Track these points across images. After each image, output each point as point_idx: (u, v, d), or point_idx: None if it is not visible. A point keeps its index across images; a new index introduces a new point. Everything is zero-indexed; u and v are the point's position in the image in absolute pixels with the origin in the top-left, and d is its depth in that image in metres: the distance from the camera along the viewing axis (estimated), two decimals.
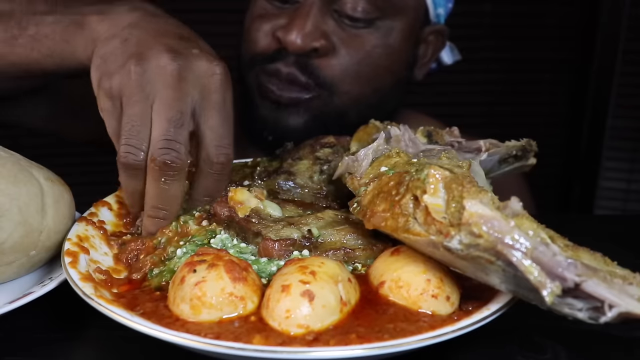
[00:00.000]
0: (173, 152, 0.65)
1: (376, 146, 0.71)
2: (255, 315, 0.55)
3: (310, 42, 1.06)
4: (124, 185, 0.70)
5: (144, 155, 0.66)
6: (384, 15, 1.10)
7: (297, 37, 1.05)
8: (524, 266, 0.49)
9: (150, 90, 0.67)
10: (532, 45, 2.55)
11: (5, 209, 0.66)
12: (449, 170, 0.58)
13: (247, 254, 0.66)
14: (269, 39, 1.11)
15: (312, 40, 1.06)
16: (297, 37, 1.05)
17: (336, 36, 1.09)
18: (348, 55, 1.10)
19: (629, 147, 2.61)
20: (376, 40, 1.11)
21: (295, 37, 1.05)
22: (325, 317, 0.53)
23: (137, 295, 0.61)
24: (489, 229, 0.51)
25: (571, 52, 2.56)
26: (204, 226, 0.71)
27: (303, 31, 1.05)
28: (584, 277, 0.49)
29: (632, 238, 0.87)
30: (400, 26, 1.13)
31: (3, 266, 0.68)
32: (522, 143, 0.84)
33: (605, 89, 2.52)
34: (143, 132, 0.66)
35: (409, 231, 0.57)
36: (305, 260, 0.58)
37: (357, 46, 1.10)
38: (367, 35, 1.10)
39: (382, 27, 1.11)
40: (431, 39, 1.23)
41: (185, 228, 0.71)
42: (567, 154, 2.67)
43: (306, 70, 1.09)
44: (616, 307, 0.49)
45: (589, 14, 2.48)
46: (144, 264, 0.67)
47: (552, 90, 2.64)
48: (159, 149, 0.65)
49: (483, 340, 0.62)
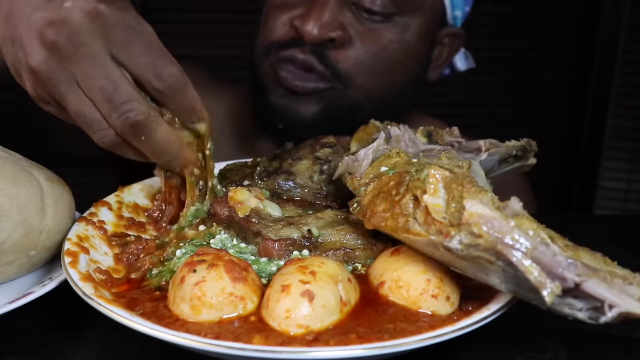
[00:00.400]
0: (129, 113, 0.63)
1: (376, 146, 0.71)
2: (255, 315, 0.55)
3: (327, 32, 1.07)
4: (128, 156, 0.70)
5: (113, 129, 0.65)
6: (402, 11, 1.11)
7: (314, 27, 1.06)
8: (524, 266, 0.49)
9: (64, 76, 0.63)
10: (532, 45, 2.54)
11: (5, 209, 0.66)
12: (449, 170, 0.58)
13: (247, 254, 0.66)
14: (286, 28, 1.12)
15: (328, 31, 1.07)
16: (314, 27, 1.06)
17: (353, 28, 1.10)
18: (364, 48, 1.11)
19: (629, 147, 2.61)
20: (392, 35, 1.12)
21: (312, 27, 1.06)
22: (325, 317, 0.53)
23: (137, 295, 0.61)
24: (489, 229, 0.51)
25: (571, 52, 2.56)
26: (202, 230, 0.71)
27: (320, 21, 1.06)
28: (584, 277, 0.49)
29: (632, 238, 0.87)
30: (417, 23, 1.14)
31: (3, 266, 0.68)
32: (522, 143, 0.84)
33: (606, 89, 2.51)
34: (94, 115, 0.64)
35: (409, 231, 0.57)
36: (305, 260, 0.58)
37: (374, 40, 1.11)
38: (383, 30, 1.11)
39: (399, 22, 1.12)
40: (446, 41, 1.24)
41: (183, 234, 0.72)
42: (567, 154, 2.67)
43: (323, 60, 1.09)
44: (616, 307, 0.49)
45: (589, 14, 2.48)
46: (143, 263, 0.67)
47: (553, 90, 2.64)
48: (116, 119, 0.64)
49: (483, 340, 0.62)
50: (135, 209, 0.81)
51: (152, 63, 0.66)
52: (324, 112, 1.13)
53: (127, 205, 0.81)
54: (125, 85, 0.64)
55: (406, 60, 1.16)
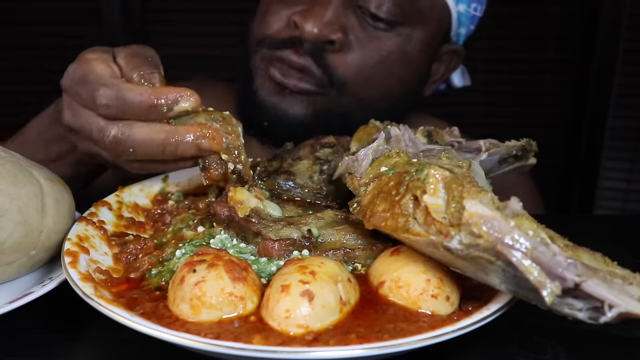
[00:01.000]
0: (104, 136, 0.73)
1: (376, 146, 0.71)
2: (255, 315, 0.55)
3: (327, 33, 1.02)
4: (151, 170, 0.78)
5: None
6: (407, 21, 1.07)
7: (314, 25, 1.01)
8: (523, 266, 0.49)
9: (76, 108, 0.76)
10: (532, 46, 2.55)
11: (5, 209, 0.66)
12: (449, 170, 0.58)
13: (246, 254, 0.66)
14: (284, 23, 1.07)
15: (329, 31, 1.03)
16: (314, 25, 1.01)
17: (354, 33, 1.06)
18: (363, 55, 1.07)
19: (629, 147, 2.61)
20: (394, 45, 1.08)
21: (312, 25, 1.01)
22: (325, 317, 0.53)
23: (136, 295, 0.61)
24: (489, 229, 0.51)
25: (571, 53, 2.56)
26: (201, 231, 0.71)
27: (322, 20, 1.02)
28: (583, 277, 0.49)
29: (632, 238, 0.87)
30: (420, 36, 1.10)
31: (3, 266, 0.68)
32: (522, 143, 0.84)
33: (606, 89, 2.51)
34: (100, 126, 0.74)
35: (409, 231, 0.57)
36: (305, 260, 0.58)
37: (374, 48, 1.07)
38: (385, 39, 1.08)
39: (403, 33, 1.08)
40: (446, 58, 1.21)
41: (181, 235, 0.72)
42: (567, 154, 2.67)
43: (321, 64, 1.05)
44: (616, 307, 0.49)
45: (589, 14, 2.48)
46: (142, 263, 0.67)
47: (553, 90, 2.64)
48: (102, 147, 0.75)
49: (483, 340, 0.62)
50: (135, 209, 0.81)
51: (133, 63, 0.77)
52: (314, 116, 1.09)
53: (127, 205, 0.81)
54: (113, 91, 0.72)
55: (405, 73, 1.13)
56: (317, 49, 1.04)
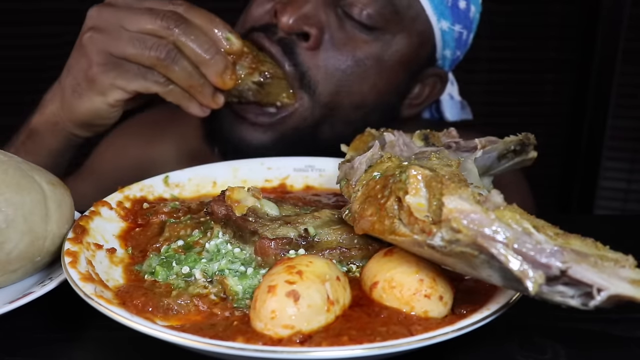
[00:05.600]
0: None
1: (371, 155, 0.70)
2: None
3: (301, 24, 1.00)
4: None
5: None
6: (388, 27, 1.04)
7: (290, 16, 0.99)
8: (504, 257, 0.49)
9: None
10: (533, 45, 2.54)
11: (11, 220, 0.65)
12: (429, 169, 0.58)
13: (237, 262, 0.66)
14: (266, 11, 1.05)
15: (304, 24, 1.00)
16: (290, 16, 0.99)
17: (331, 33, 1.02)
18: (335, 58, 1.03)
19: (629, 147, 2.61)
20: (370, 49, 1.04)
21: (289, 15, 0.99)
22: (312, 316, 0.53)
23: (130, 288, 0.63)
24: (468, 223, 0.51)
25: (572, 52, 2.56)
26: (197, 235, 0.72)
27: (299, 11, 1.00)
28: (569, 263, 0.48)
29: (632, 238, 0.87)
30: (398, 46, 1.07)
31: (8, 274, 0.68)
32: (520, 137, 0.82)
33: (606, 89, 2.51)
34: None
35: (395, 233, 0.56)
36: (294, 259, 0.58)
37: (349, 50, 1.03)
38: (362, 43, 1.04)
39: (381, 39, 1.05)
40: (429, 81, 1.17)
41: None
42: (567, 154, 2.67)
43: (291, 56, 1.01)
44: (605, 291, 0.48)
45: (589, 13, 2.48)
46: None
47: (553, 90, 2.64)
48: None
49: (483, 340, 0.62)
50: (136, 203, 0.82)
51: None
52: (280, 141, 1.04)
53: (127, 203, 0.81)
54: (129, 32, 0.90)
55: (379, 82, 1.08)
56: (289, 40, 1.02)
